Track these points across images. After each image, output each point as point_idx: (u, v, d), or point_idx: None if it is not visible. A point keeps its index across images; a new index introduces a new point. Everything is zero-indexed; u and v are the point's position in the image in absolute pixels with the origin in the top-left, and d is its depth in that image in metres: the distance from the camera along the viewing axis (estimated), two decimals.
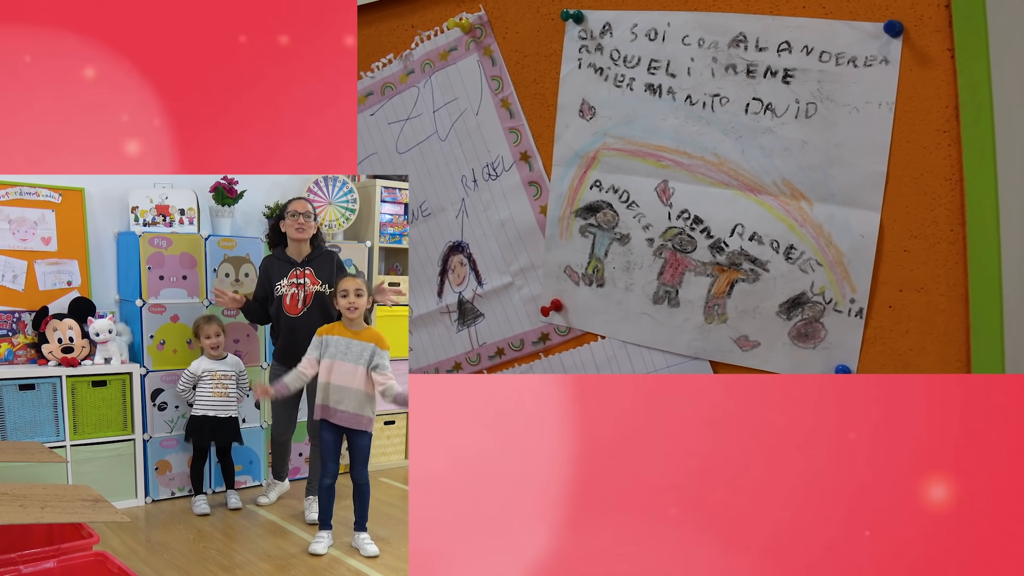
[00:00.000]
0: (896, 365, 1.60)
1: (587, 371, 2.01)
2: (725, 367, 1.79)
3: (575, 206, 1.94)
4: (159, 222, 3.43)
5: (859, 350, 1.63)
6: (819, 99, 1.60)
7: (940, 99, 1.49)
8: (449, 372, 2.25)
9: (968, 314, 1.50)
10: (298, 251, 3.14)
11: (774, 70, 1.64)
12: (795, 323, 1.69)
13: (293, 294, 3.09)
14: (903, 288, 1.57)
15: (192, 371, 3.29)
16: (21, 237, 3.22)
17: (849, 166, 1.59)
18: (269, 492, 3.46)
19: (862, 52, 1.55)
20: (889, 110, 1.54)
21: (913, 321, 1.57)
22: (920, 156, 1.52)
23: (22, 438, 3.02)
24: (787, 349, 1.70)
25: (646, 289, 1.86)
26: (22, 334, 3.22)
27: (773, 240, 1.68)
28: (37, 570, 1.84)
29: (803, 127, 1.62)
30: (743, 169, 1.70)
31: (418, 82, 2.16)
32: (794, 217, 1.66)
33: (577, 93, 1.91)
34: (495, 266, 2.10)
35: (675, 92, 1.76)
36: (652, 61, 1.79)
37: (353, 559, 2.77)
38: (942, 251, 1.52)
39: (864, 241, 1.59)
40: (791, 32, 1.61)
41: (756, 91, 1.66)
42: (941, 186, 1.51)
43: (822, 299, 1.65)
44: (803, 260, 1.66)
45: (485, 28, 2.03)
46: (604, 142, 1.88)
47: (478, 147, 2.09)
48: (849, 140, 1.58)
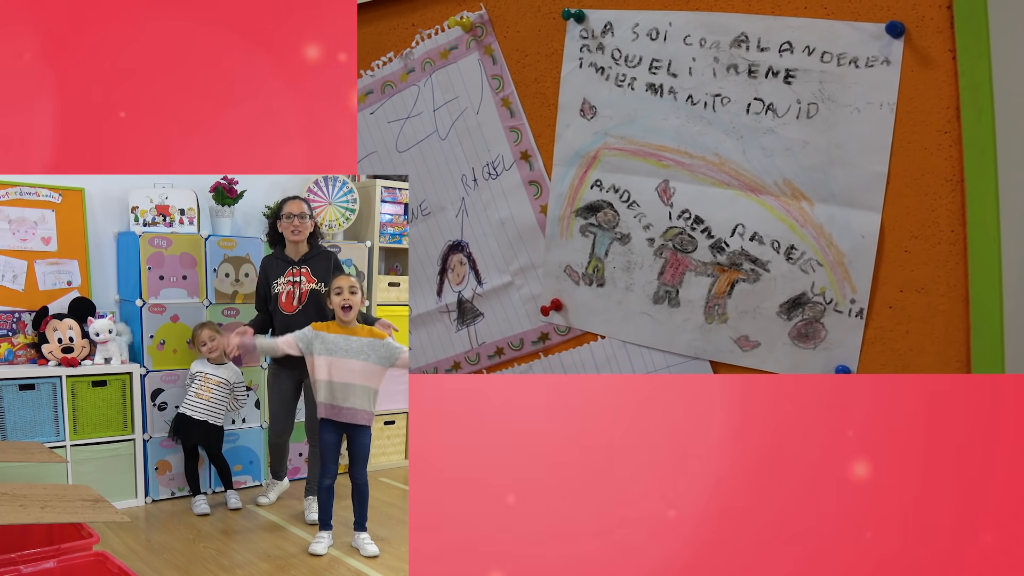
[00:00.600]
0: (896, 365, 1.60)
1: (587, 371, 2.01)
2: (725, 367, 1.78)
3: (575, 205, 1.94)
4: (159, 222, 3.43)
5: (859, 350, 1.63)
6: (820, 100, 1.60)
7: (941, 100, 1.49)
8: (448, 372, 2.25)
9: (968, 314, 1.50)
10: (295, 250, 3.14)
11: (776, 70, 1.64)
12: (795, 323, 1.69)
13: (289, 292, 3.10)
14: (903, 288, 1.57)
15: (190, 370, 3.29)
16: (21, 237, 3.22)
17: (850, 167, 1.59)
18: (269, 492, 3.46)
19: (864, 53, 1.55)
20: (890, 110, 1.54)
21: (913, 322, 1.57)
22: (921, 157, 1.52)
23: (22, 438, 3.02)
24: (787, 349, 1.70)
25: (646, 289, 1.86)
26: (22, 334, 3.22)
27: (774, 240, 1.68)
28: (37, 570, 1.83)
29: (804, 127, 1.62)
30: (744, 169, 1.70)
31: (418, 80, 2.16)
32: (795, 217, 1.66)
33: (578, 93, 1.90)
34: (495, 265, 2.09)
35: (676, 92, 1.76)
36: (653, 61, 1.79)
37: (353, 559, 2.77)
38: (943, 252, 1.52)
39: (865, 242, 1.59)
40: (793, 32, 1.61)
41: (757, 91, 1.66)
42: (942, 187, 1.51)
43: (822, 299, 1.65)
44: (804, 260, 1.66)
45: (486, 27, 2.03)
46: (605, 142, 1.88)
47: (478, 146, 2.09)
48: (850, 140, 1.58)
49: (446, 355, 2.24)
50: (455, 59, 2.09)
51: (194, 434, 3.28)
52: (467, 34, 2.06)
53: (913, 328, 1.57)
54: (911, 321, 1.57)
